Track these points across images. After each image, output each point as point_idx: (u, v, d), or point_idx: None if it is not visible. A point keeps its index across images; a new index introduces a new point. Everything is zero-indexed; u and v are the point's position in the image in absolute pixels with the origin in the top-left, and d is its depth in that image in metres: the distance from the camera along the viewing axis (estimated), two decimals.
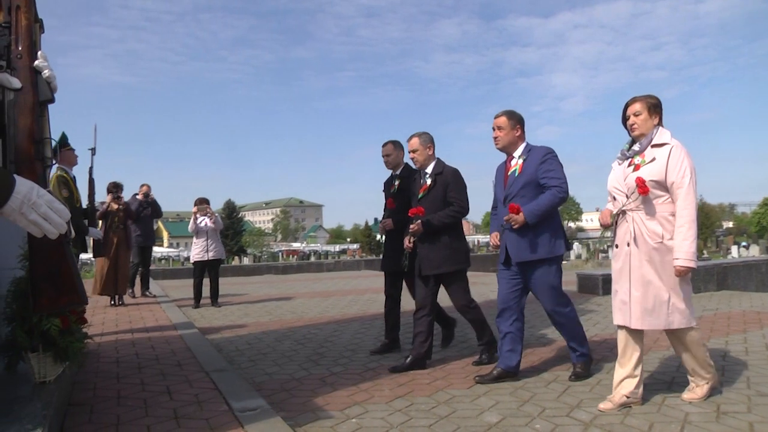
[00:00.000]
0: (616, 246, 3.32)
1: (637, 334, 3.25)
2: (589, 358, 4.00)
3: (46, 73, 1.49)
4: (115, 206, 8.10)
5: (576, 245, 33.77)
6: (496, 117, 4.02)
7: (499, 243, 4.04)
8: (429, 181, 4.45)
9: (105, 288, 7.80)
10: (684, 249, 3.03)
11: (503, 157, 4.09)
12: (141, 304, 8.44)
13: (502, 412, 3.23)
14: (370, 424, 3.09)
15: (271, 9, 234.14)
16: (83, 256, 6.62)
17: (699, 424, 2.94)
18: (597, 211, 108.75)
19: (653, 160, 3.17)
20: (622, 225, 3.29)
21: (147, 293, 8.88)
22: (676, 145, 3.14)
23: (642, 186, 3.12)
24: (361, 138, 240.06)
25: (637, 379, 3.23)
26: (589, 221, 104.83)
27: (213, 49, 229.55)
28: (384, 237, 5.14)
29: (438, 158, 4.58)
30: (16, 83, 1.45)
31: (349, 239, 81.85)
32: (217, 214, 8.50)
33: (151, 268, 10.56)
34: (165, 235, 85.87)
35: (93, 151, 5.52)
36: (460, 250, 4.43)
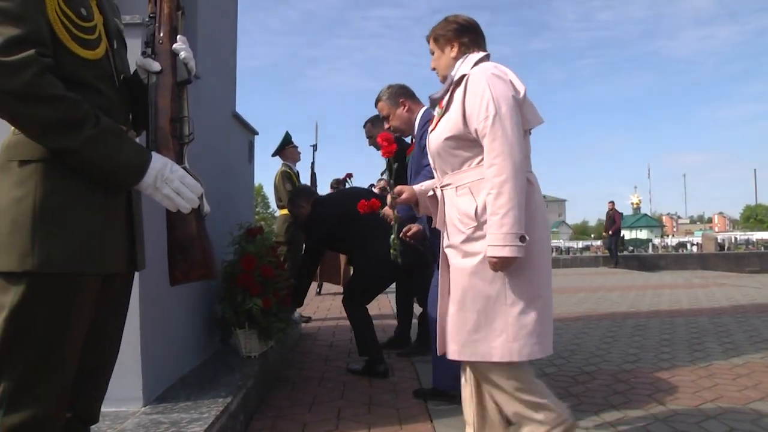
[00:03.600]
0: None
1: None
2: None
3: (182, 54, 1.54)
4: None
5: None
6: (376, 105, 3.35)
7: None
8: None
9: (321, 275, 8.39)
10: (494, 228, 1.89)
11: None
12: None
13: None
14: None
15: (506, 2, 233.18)
16: None
17: None
18: None
19: (450, 106, 2.10)
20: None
21: None
22: (474, 73, 2.02)
23: (385, 144, 2.18)
24: (604, 129, 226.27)
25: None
26: None
27: None
28: None
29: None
30: (156, 66, 1.52)
31: (593, 235, 77.37)
32: None
33: None
34: None
35: (315, 147, 5.95)
36: None
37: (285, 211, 5.83)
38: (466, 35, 2.18)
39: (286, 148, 5.79)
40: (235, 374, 2.87)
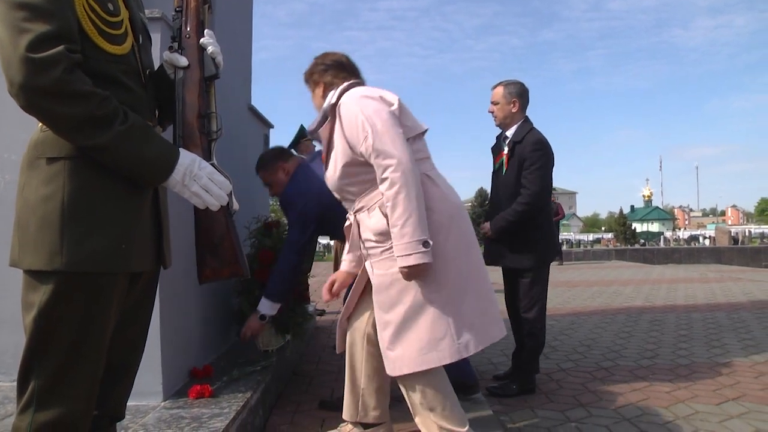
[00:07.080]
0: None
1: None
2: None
3: (210, 49, 1.52)
4: None
5: None
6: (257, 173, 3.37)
7: None
8: (506, 150, 3.40)
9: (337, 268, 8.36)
10: (396, 240, 1.95)
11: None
12: None
13: None
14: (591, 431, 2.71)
15: None
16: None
17: None
18: None
19: (333, 141, 2.19)
20: None
21: None
22: (343, 102, 2.13)
23: None
24: (615, 120, 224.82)
25: None
26: None
27: (459, 39, 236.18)
28: None
29: (526, 118, 3.43)
30: (183, 61, 1.50)
31: (603, 228, 76.94)
32: None
33: None
34: None
35: None
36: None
37: None
38: (328, 74, 2.30)
39: (301, 142, 5.77)
40: (254, 367, 2.87)
